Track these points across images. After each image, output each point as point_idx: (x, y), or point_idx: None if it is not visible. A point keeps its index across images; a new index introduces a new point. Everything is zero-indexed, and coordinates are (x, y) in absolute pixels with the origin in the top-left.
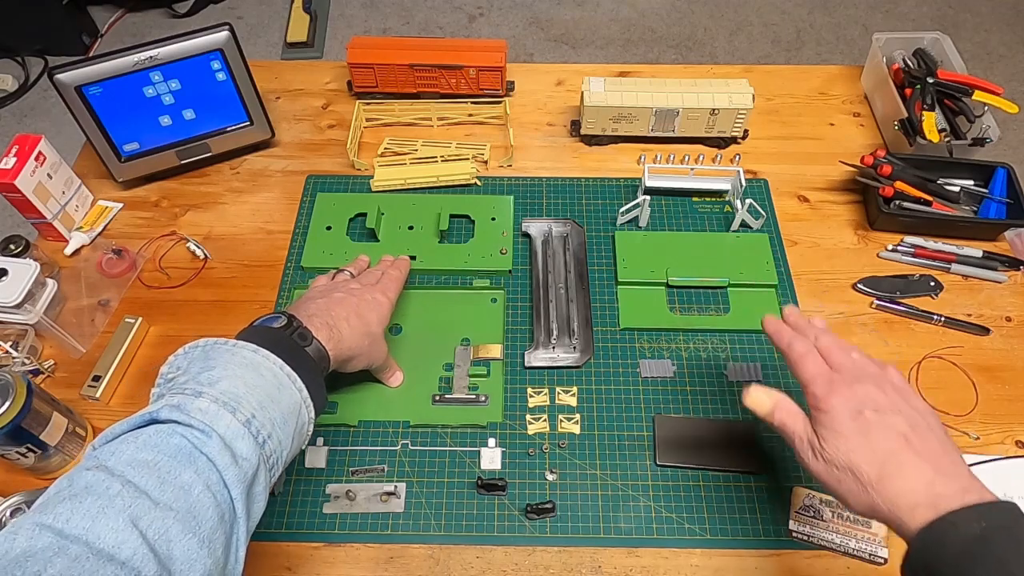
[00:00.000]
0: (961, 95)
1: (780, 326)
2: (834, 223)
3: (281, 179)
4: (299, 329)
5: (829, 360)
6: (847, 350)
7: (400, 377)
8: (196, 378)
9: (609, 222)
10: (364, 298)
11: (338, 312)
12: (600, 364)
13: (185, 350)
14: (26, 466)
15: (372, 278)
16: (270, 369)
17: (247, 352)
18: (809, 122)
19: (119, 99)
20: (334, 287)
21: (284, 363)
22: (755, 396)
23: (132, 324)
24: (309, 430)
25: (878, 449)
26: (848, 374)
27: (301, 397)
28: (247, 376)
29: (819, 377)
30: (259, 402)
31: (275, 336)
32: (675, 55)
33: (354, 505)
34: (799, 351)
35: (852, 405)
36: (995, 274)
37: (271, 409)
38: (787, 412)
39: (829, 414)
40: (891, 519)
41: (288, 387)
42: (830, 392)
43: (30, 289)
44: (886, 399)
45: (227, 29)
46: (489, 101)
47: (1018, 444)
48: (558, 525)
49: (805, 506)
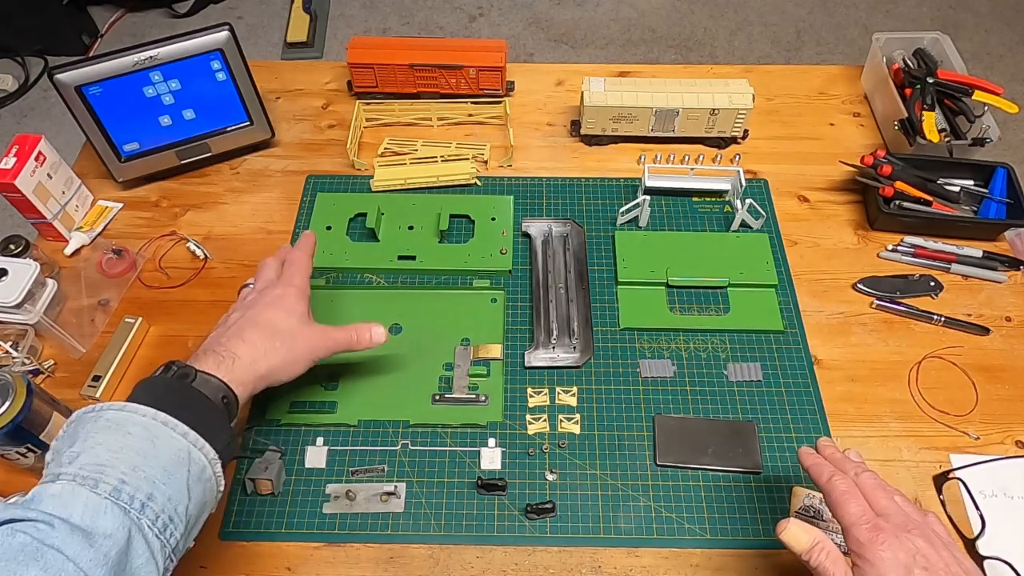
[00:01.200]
0: (961, 95)
1: (818, 459)
2: (834, 223)
3: (281, 179)
4: (179, 370)
5: (871, 502)
6: (890, 492)
7: (380, 331)
8: (59, 459)
9: (609, 222)
10: (260, 303)
11: (229, 335)
12: (600, 364)
13: (63, 429)
14: (26, 466)
15: (267, 277)
16: (139, 423)
17: (111, 413)
18: (809, 122)
19: (119, 99)
20: (229, 313)
21: (157, 411)
22: (792, 532)
23: (132, 324)
24: (216, 471)
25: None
26: (894, 521)
27: (187, 441)
28: (111, 440)
29: (863, 522)
30: (129, 464)
31: (153, 385)
32: (675, 55)
33: (354, 505)
34: (841, 489)
35: (901, 560)
36: (995, 274)
37: (146, 467)
38: (827, 554)
39: (876, 567)
40: None
41: (165, 436)
42: (876, 541)
43: (30, 289)
44: (937, 557)
45: (227, 29)
46: (489, 101)
47: (1018, 444)
48: (558, 525)
49: (805, 506)
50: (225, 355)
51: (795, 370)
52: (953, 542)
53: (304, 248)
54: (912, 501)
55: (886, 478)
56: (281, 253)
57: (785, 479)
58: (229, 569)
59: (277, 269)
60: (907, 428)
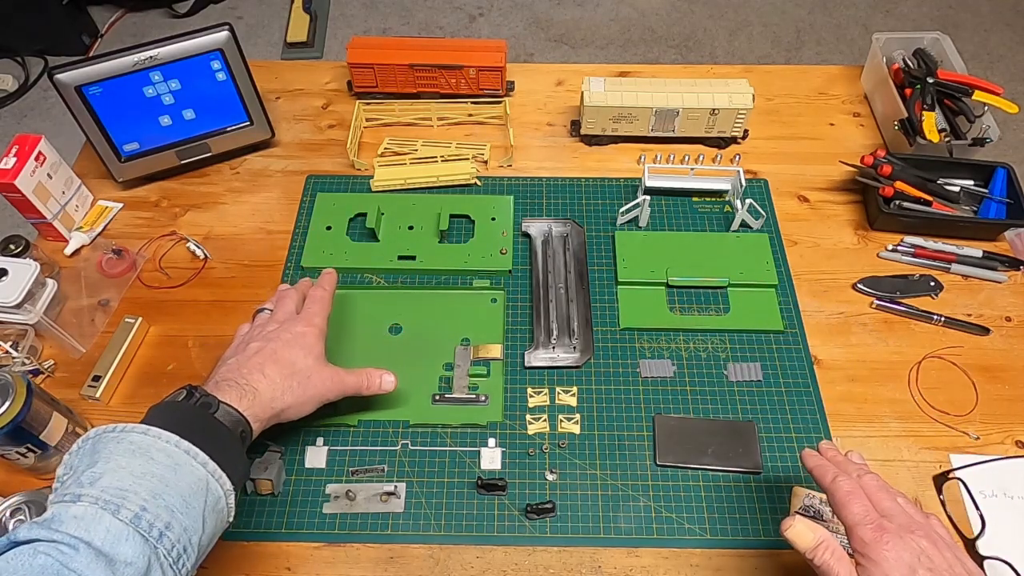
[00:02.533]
0: (961, 95)
1: (821, 461)
2: (834, 223)
3: (281, 179)
4: (201, 398)
5: (875, 503)
6: (892, 494)
7: (390, 380)
8: (79, 478)
9: (609, 222)
10: (281, 339)
11: (251, 367)
12: (600, 364)
13: (78, 445)
14: (26, 466)
15: (287, 309)
16: (162, 450)
17: (135, 436)
18: (809, 122)
19: (119, 99)
20: (249, 339)
21: (180, 438)
22: (798, 530)
23: (132, 324)
24: (230, 503)
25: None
26: (898, 521)
27: (207, 471)
28: (134, 464)
29: (867, 522)
30: (151, 491)
31: (173, 410)
32: (675, 55)
33: (354, 505)
34: (845, 490)
35: (906, 560)
36: (995, 274)
37: (167, 495)
38: (832, 553)
39: (880, 566)
40: None
41: (186, 464)
42: (880, 541)
43: (30, 289)
44: (941, 558)
45: (227, 29)
46: (489, 101)
47: (1018, 444)
48: (558, 525)
49: (805, 506)
50: (247, 389)
51: (795, 370)
52: (956, 544)
53: (327, 287)
54: (914, 503)
55: (886, 478)
56: (302, 286)
57: (785, 479)
58: (229, 569)
59: (297, 302)
60: (907, 428)
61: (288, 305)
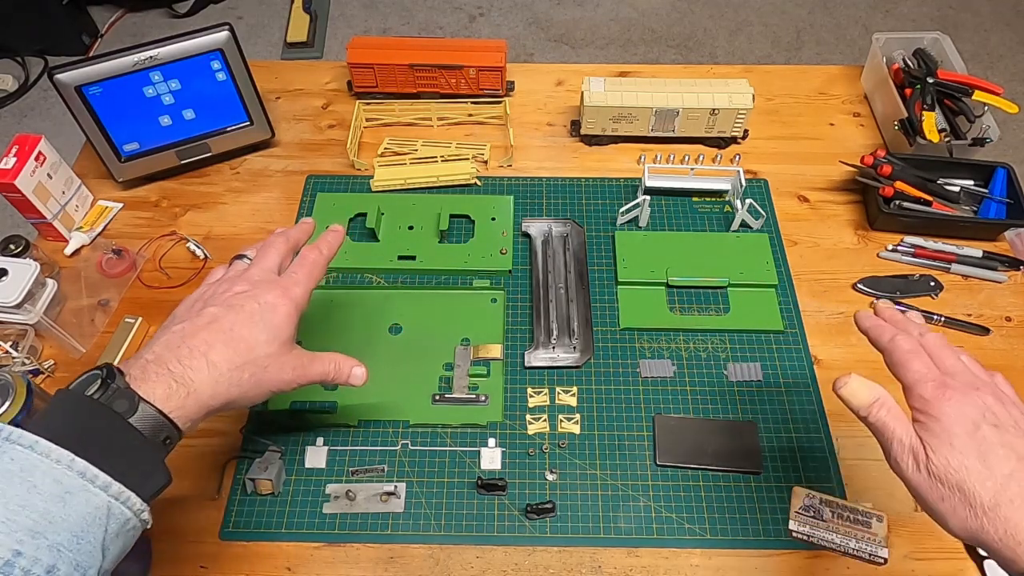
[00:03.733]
0: (961, 95)
1: (878, 321)
2: (834, 223)
3: (281, 179)
4: (117, 391)
5: (938, 361)
6: (956, 352)
7: (360, 372)
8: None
9: (609, 222)
10: (245, 309)
11: (194, 345)
12: (600, 364)
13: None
14: None
15: (267, 266)
16: (48, 472)
17: (18, 450)
18: (809, 122)
19: (119, 99)
20: (210, 296)
21: (74, 457)
22: (853, 386)
23: (132, 324)
24: (144, 517)
25: (997, 472)
26: (961, 379)
27: (108, 496)
28: (11, 493)
29: (928, 379)
30: (29, 528)
31: (77, 410)
32: (675, 55)
33: (354, 505)
34: (905, 348)
35: (969, 416)
36: (995, 274)
37: (51, 533)
38: (888, 411)
39: (941, 422)
40: (1001, 550)
41: (80, 491)
42: (942, 397)
43: (30, 289)
44: (1007, 414)
45: (227, 29)
46: (489, 101)
47: None
48: (558, 525)
49: (805, 506)
50: (181, 381)
51: (795, 370)
52: (1021, 402)
53: (325, 249)
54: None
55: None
56: (295, 234)
57: (785, 479)
58: (229, 569)
59: (284, 256)
60: None
61: (270, 259)
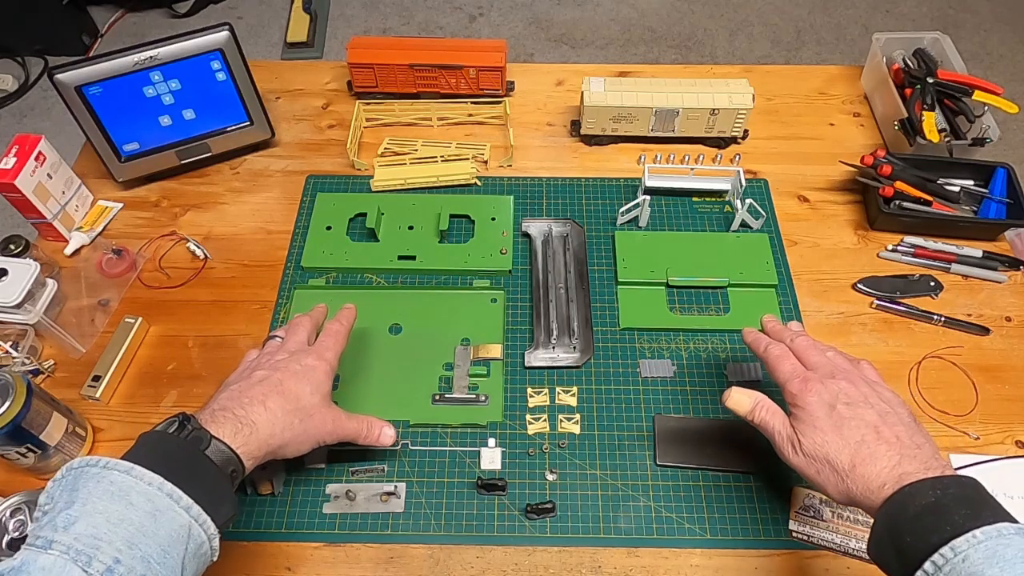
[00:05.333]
0: (961, 95)
1: (757, 334)
2: (834, 223)
3: (281, 179)
4: (193, 431)
5: (804, 360)
6: (821, 350)
7: (389, 434)
8: (55, 519)
9: (609, 222)
10: (290, 369)
11: (252, 396)
12: (600, 364)
13: (61, 474)
14: (26, 466)
15: (299, 339)
16: (143, 493)
17: (116, 475)
18: (809, 122)
19: (119, 99)
20: (256, 365)
21: (164, 480)
22: (735, 398)
23: (132, 324)
24: (214, 545)
25: (850, 440)
26: (821, 371)
27: (190, 516)
28: (112, 508)
29: (794, 377)
30: (127, 539)
31: (162, 444)
32: (675, 55)
33: (354, 505)
34: (775, 354)
35: (826, 400)
36: (995, 274)
37: (144, 545)
38: (767, 410)
39: (805, 410)
40: (863, 501)
41: (168, 510)
42: (805, 389)
43: (30, 289)
44: (857, 392)
45: (227, 29)
46: (489, 101)
47: (1018, 444)
48: (558, 525)
49: (805, 506)
50: (244, 422)
51: None
52: (879, 381)
53: (345, 322)
54: (845, 355)
55: None
56: (317, 316)
57: (785, 479)
58: (229, 569)
59: (311, 332)
60: None
61: (300, 335)
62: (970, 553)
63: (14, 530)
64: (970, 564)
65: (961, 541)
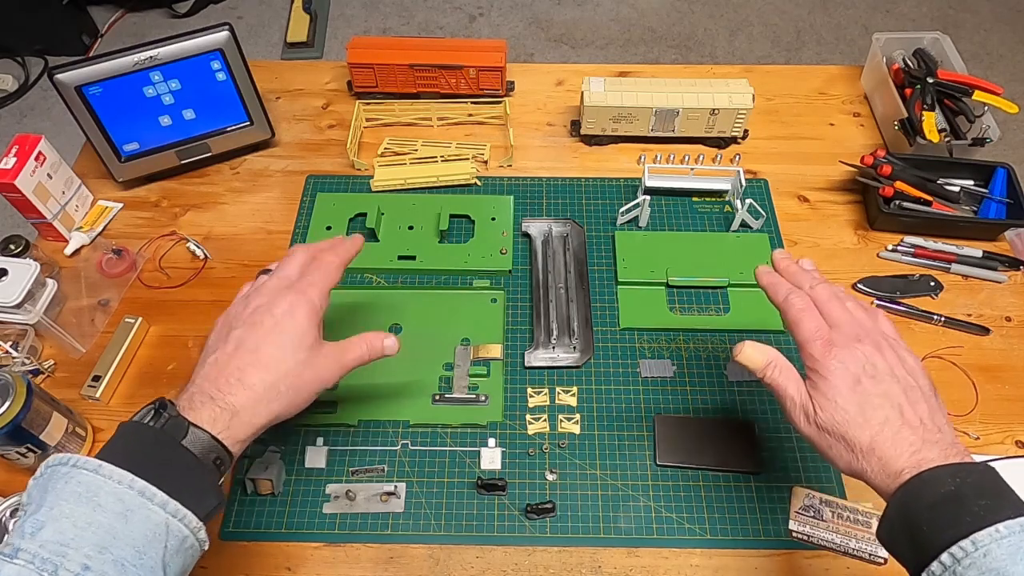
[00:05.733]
0: (961, 95)
1: (774, 277)
2: (834, 223)
3: (281, 179)
4: (169, 420)
5: (825, 314)
6: (842, 301)
7: (392, 342)
8: (23, 524)
9: (609, 222)
10: (264, 325)
11: (228, 374)
12: (600, 364)
13: (40, 472)
14: (26, 466)
15: (286, 273)
16: (112, 492)
17: (84, 474)
18: (809, 122)
19: (119, 99)
20: (235, 316)
21: (135, 477)
22: (748, 353)
23: (132, 324)
24: (201, 536)
25: (873, 420)
26: (846, 331)
27: (166, 513)
28: (79, 511)
29: (817, 337)
30: (96, 544)
31: (136, 437)
32: (675, 55)
33: (354, 505)
34: (797, 306)
35: (852, 370)
36: (995, 274)
37: (116, 547)
38: (781, 371)
39: (827, 380)
40: (875, 482)
41: (140, 509)
42: (828, 355)
43: (30, 289)
44: (884, 362)
45: (227, 29)
46: (489, 101)
47: (1018, 444)
48: (558, 525)
49: (805, 506)
50: (223, 407)
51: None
52: (899, 341)
53: (341, 253)
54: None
55: None
56: (316, 245)
57: (785, 479)
58: (229, 569)
59: (304, 266)
60: None
61: (289, 267)
62: (992, 548)
63: None
64: (992, 559)
65: (983, 535)
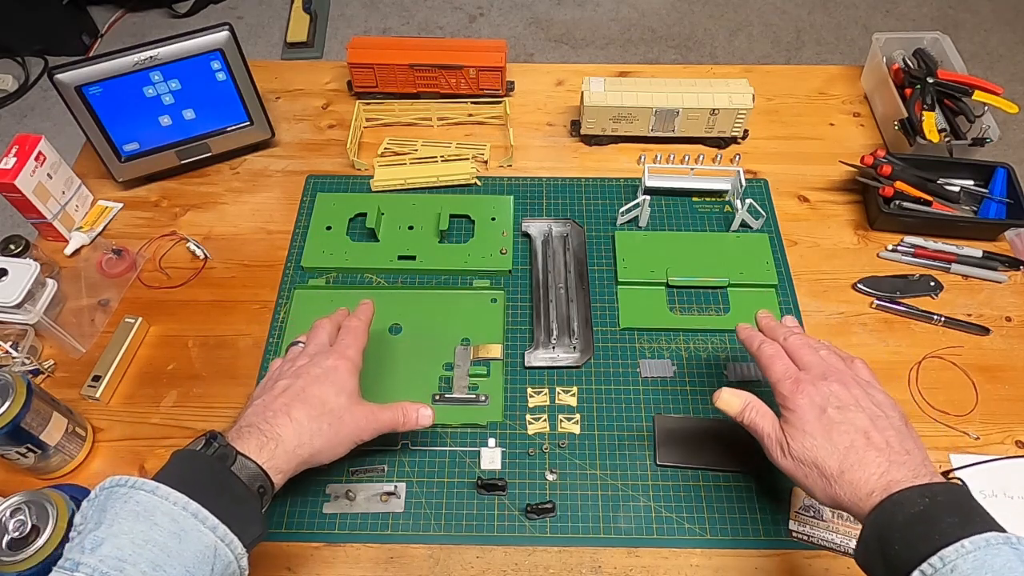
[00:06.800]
0: (961, 95)
1: (751, 331)
2: (834, 223)
3: (281, 179)
4: (219, 448)
5: (797, 359)
6: (815, 348)
7: (427, 413)
8: (83, 541)
9: (609, 222)
10: (310, 374)
11: (276, 408)
12: (600, 364)
13: (95, 493)
14: (26, 466)
15: (319, 341)
16: (168, 513)
17: (142, 495)
18: (809, 122)
19: (119, 99)
20: (278, 375)
21: (189, 499)
22: (725, 398)
23: (132, 324)
24: (243, 565)
25: (840, 445)
26: (814, 372)
27: (215, 536)
28: (137, 529)
29: (786, 377)
30: (152, 561)
31: (190, 463)
32: (675, 55)
33: (354, 505)
34: (768, 353)
35: (817, 403)
36: (995, 274)
37: (169, 566)
38: (757, 412)
39: (796, 413)
40: (850, 507)
41: (193, 530)
42: (796, 391)
43: (30, 289)
44: (849, 395)
45: (227, 29)
46: (489, 101)
47: (1018, 444)
48: (558, 525)
49: (805, 506)
50: (269, 436)
51: None
52: (872, 381)
53: (363, 317)
54: (838, 352)
55: None
56: (337, 317)
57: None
58: None
59: (331, 333)
60: None
61: (320, 336)
62: (959, 563)
63: (14, 530)
64: (959, 574)
65: (950, 551)
